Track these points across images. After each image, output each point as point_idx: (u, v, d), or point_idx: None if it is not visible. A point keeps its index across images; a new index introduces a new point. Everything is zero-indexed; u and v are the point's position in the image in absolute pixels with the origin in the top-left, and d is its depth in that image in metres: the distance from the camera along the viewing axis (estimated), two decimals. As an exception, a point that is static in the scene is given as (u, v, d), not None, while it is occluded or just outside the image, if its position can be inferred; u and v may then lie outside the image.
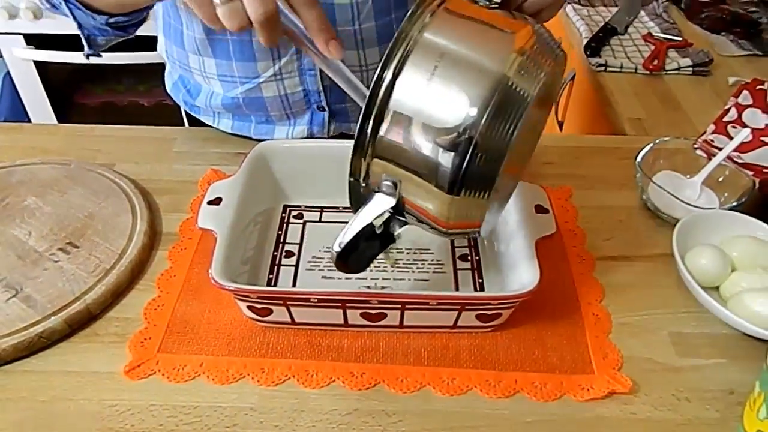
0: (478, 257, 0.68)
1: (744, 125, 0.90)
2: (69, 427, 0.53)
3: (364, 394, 0.56)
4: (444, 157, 0.42)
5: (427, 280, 0.65)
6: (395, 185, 0.45)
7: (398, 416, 0.55)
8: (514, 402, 0.56)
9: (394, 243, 0.52)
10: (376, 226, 0.47)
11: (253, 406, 0.55)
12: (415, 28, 0.43)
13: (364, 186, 0.47)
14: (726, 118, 0.91)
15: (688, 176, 0.76)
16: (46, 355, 0.59)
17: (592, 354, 0.59)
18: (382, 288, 0.65)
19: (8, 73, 1.79)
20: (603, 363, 0.59)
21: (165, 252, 0.69)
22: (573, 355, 0.59)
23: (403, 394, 0.56)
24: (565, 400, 0.56)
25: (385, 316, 0.58)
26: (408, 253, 0.68)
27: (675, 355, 0.60)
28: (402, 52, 0.43)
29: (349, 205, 0.50)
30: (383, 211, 0.46)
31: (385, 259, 0.66)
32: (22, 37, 1.71)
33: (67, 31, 1.72)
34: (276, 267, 0.67)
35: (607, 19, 1.31)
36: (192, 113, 0.90)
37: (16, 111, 1.84)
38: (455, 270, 0.67)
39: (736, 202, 0.70)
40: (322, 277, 0.66)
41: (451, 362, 0.59)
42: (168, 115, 1.89)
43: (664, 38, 1.24)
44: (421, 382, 0.57)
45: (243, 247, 0.64)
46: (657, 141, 0.77)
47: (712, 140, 0.87)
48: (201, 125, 0.90)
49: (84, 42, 0.72)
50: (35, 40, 1.71)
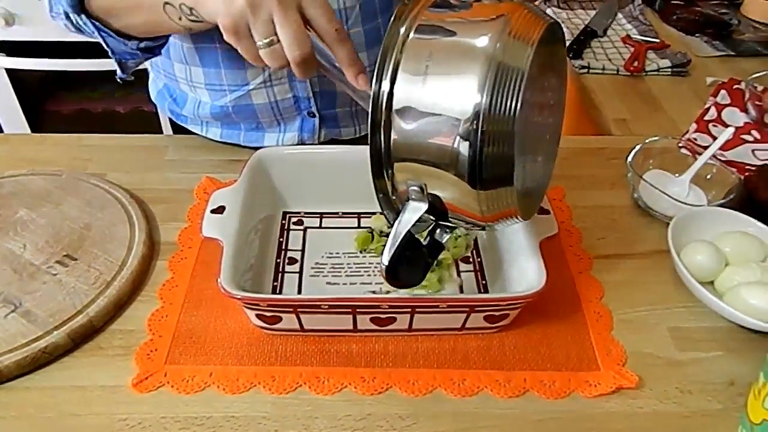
0: (480, 259, 0.69)
1: (724, 124, 0.93)
2: (79, 443, 0.53)
3: (377, 399, 0.57)
4: (457, 150, 0.43)
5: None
6: (422, 189, 0.46)
7: (411, 419, 0.55)
8: (525, 401, 0.57)
9: (445, 250, 0.53)
10: (417, 235, 0.48)
11: (266, 415, 0.55)
12: (401, 33, 0.45)
13: (394, 199, 0.48)
14: (706, 117, 0.94)
15: (677, 175, 0.78)
16: (50, 370, 0.58)
17: (597, 351, 0.61)
18: (387, 293, 0.65)
19: (-21, 81, 1.74)
20: (608, 359, 0.60)
21: (165, 262, 0.69)
22: (578, 353, 0.61)
23: (415, 397, 0.57)
24: (574, 397, 0.57)
25: (395, 320, 0.59)
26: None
27: (675, 350, 0.61)
28: (393, 60, 0.44)
29: (387, 219, 0.53)
30: (418, 218, 0.47)
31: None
32: (-7, 44, 1.67)
33: (39, 38, 1.69)
34: (280, 274, 0.67)
35: (586, 22, 1.34)
36: (179, 122, 0.89)
37: (-13, 120, 1.79)
38: (459, 272, 0.67)
39: (724, 199, 0.72)
40: (327, 283, 0.66)
41: (461, 364, 0.59)
42: (145, 122, 1.87)
43: (642, 40, 1.27)
44: (432, 385, 0.58)
45: (247, 255, 0.64)
46: (647, 141, 0.79)
47: (695, 139, 0.89)
48: (186, 133, 0.90)
49: (117, 66, 0.73)
50: (6, 48, 1.67)
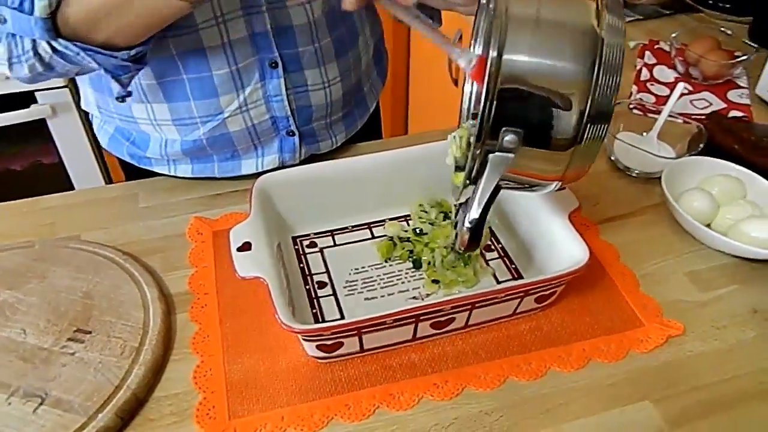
0: (500, 245, 0.70)
1: (659, 81, 1.01)
2: None
3: (456, 402, 0.56)
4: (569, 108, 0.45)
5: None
6: (518, 136, 0.45)
7: (497, 413, 0.56)
8: (590, 369, 0.59)
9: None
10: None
11: (356, 445, 0.53)
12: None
13: (478, 153, 0.47)
14: (642, 78, 1.01)
15: (643, 134, 0.84)
16: (107, 457, 0.52)
17: (635, 308, 0.64)
18: (428, 295, 0.65)
19: None
20: (647, 314, 0.64)
21: (185, 314, 0.64)
22: (619, 314, 0.64)
23: (491, 391, 0.57)
24: (632, 356, 0.60)
25: (454, 320, 0.59)
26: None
27: (698, 292, 0.66)
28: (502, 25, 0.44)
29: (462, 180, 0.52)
30: (505, 169, 0.47)
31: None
32: None
33: None
34: (315, 300, 0.64)
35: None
36: (141, 166, 0.83)
37: None
38: (486, 262, 0.69)
39: (696, 149, 0.78)
40: (365, 299, 0.65)
41: (521, 348, 0.61)
42: (50, 176, 1.72)
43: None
44: (503, 375, 0.58)
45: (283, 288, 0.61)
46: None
47: (640, 99, 0.96)
48: (144, 176, 0.83)
49: (114, 84, 0.65)
50: None
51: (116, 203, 0.78)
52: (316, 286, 0.66)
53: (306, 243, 0.71)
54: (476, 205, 0.48)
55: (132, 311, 0.62)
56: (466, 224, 0.49)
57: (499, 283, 0.66)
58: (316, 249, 0.70)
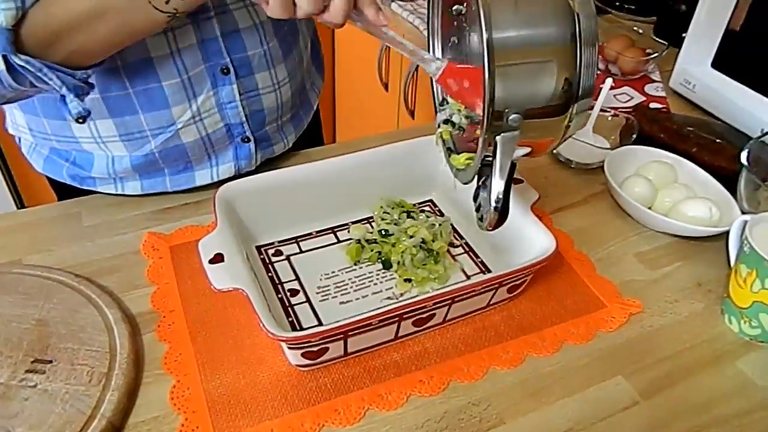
0: (464, 240, 0.72)
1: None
2: None
3: (444, 396, 0.57)
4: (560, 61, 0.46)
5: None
6: (520, 113, 0.47)
7: (484, 402, 0.57)
8: (564, 352, 0.62)
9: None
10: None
11: (352, 449, 0.53)
12: None
13: (485, 136, 0.48)
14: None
15: (579, 127, 0.89)
16: (89, 492, 0.49)
17: (595, 290, 0.68)
18: (401, 294, 0.65)
19: None
20: (607, 295, 0.67)
21: (152, 334, 0.61)
22: (583, 297, 0.67)
23: (476, 382, 0.59)
24: (600, 336, 0.63)
25: (434, 315, 0.60)
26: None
27: (648, 270, 0.71)
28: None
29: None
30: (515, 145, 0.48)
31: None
32: None
33: None
34: (290, 309, 0.63)
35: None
36: (84, 187, 0.77)
37: None
38: (453, 257, 0.70)
39: (629, 140, 0.84)
40: (341, 303, 0.64)
41: (498, 338, 0.62)
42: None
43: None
44: (485, 365, 0.60)
45: (259, 298, 0.59)
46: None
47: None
48: (81, 194, 0.78)
49: (73, 103, 0.59)
50: None
51: (57, 223, 0.73)
52: (288, 294, 0.65)
53: (271, 252, 0.69)
54: (498, 184, 0.49)
55: (95, 335, 0.58)
56: (492, 204, 0.49)
57: (468, 277, 0.68)
58: (283, 257, 0.69)
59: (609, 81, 0.91)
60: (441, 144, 0.63)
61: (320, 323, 0.62)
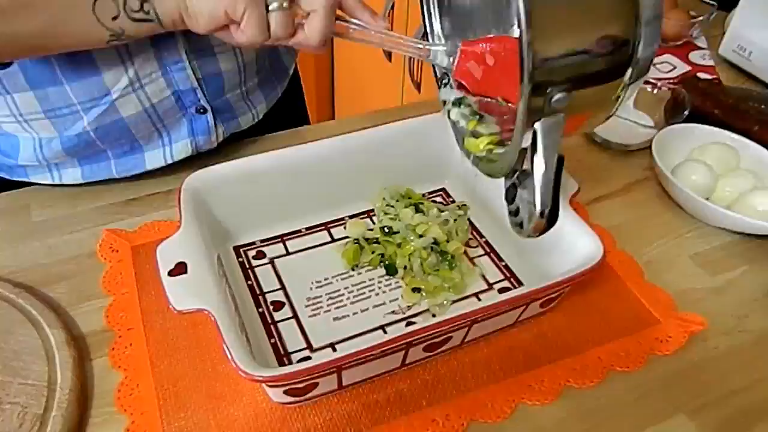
0: (484, 239, 0.60)
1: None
2: None
3: (462, 439, 0.46)
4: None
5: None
6: (567, 92, 0.36)
7: (513, 448, 0.46)
8: (611, 382, 0.50)
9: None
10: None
11: None
12: None
13: (523, 125, 0.38)
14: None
15: (618, 101, 0.76)
16: None
17: (645, 302, 0.56)
18: (408, 307, 0.54)
19: None
20: (660, 308, 0.55)
21: (104, 359, 0.50)
22: (630, 310, 0.55)
23: (502, 422, 0.47)
24: (653, 360, 0.52)
25: (450, 338, 0.48)
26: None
27: (708, 277, 0.59)
28: None
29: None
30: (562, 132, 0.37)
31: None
32: None
33: None
34: (272, 326, 0.52)
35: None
36: (14, 178, 0.65)
37: None
38: (471, 260, 0.58)
39: (680, 116, 0.71)
40: (334, 319, 0.52)
41: (528, 363, 0.51)
42: None
43: None
44: (512, 399, 0.48)
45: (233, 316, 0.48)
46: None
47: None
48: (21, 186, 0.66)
49: None
50: None
51: (1, 218, 0.62)
52: (271, 307, 0.53)
53: (252, 254, 0.58)
54: (543, 182, 0.38)
55: (31, 364, 0.47)
56: (538, 208, 0.38)
57: (490, 285, 0.56)
58: (266, 260, 0.57)
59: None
60: (451, 127, 0.51)
61: (309, 345, 0.50)
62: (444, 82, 0.55)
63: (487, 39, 0.46)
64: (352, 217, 0.61)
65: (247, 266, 0.56)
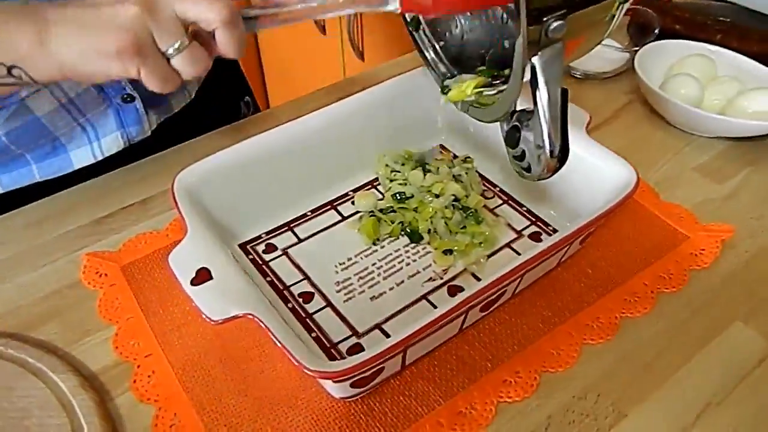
0: (497, 187, 0.58)
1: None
2: None
3: (541, 394, 0.43)
4: None
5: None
6: (563, 19, 0.34)
7: (592, 392, 0.44)
8: (662, 305, 0.49)
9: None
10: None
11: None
12: None
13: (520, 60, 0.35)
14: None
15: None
16: None
17: (669, 220, 0.55)
18: (444, 271, 0.51)
19: None
20: (684, 224, 0.55)
21: (128, 395, 0.44)
22: (658, 232, 0.54)
23: (572, 367, 0.45)
24: (695, 276, 0.51)
25: (504, 293, 0.45)
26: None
27: (716, 185, 0.59)
28: None
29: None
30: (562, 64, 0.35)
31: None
32: None
33: None
34: (307, 320, 0.47)
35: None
36: None
37: None
38: (491, 211, 0.55)
39: (653, 35, 0.71)
40: (371, 299, 0.48)
41: (578, 303, 0.49)
42: None
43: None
44: (576, 343, 0.46)
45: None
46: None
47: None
48: None
49: None
50: None
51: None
52: (300, 300, 0.48)
53: (261, 248, 0.52)
54: (550, 121, 0.36)
55: (47, 419, 0.41)
56: (547, 147, 0.36)
57: (519, 232, 0.53)
58: (278, 252, 0.52)
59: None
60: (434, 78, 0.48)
61: (355, 332, 0.46)
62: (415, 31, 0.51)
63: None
64: (355, 190, 0.57)
65: (260, 262, 0.51)
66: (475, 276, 0.50)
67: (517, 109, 0.41)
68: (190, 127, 0.65)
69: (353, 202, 0.56)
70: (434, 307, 0.48)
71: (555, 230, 0.53)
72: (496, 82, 0.47)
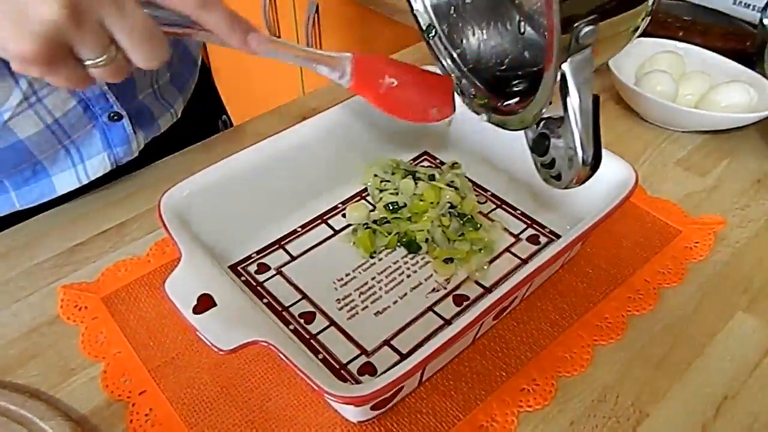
0: (489, 192, 0.57)
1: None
2: None
3: (560, 400, 0.42)
4: None
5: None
6: (594, 24, 0.33)
7: (611, 393, 0.43)
8: (665, 300, 0.49)
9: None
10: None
11: None
12: None
13: (552, 69, 0.34)
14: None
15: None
16: None
17: (659, 215, 0.56)
18: (447, 281, 0.49)
19: None
20: (675, 218, 0.55)
21: (125, 437, 0.40)
22: (650, 228, 0.55)
23: (586, 371, 0.44)
24: (692, 269, 0.51)
25: (516, 298, 0.44)
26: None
27: (699, 177, 0.60)
28: None
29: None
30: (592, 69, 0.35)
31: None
32: None
33: None
34: (312, 341, 0.45)
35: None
36: None
37: None
38: (486, 216, 0.54)
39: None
40: (375, 314, 0.47)
41: (584, 304, 0.48)
42: None
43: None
44: (587, 345, 0.46)
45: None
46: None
47: None
48: None
49: None
50: None
51: None
52: (302, 321, 0.46)
53: (252, 269, 0.50)
54: (583, 128, 0.35)
55: (38, 471, 0.37)
56: (580, 155, 0.35)
57: (516, 236, 0.53)
58: (272, 272, 0.50)
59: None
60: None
61: (363, 350, 0.44)
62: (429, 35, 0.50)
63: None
64: (345, 202, 0.55)
65: (254, 284, 0.49)
66: (479, 283, 0.49)
67: (545, 117, 0.40)
68: (174, 148, 0.62)
69: (344, 215, 0.54)
70: (441, 318, 0.46)
71: (552, 232, 0.53)
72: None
